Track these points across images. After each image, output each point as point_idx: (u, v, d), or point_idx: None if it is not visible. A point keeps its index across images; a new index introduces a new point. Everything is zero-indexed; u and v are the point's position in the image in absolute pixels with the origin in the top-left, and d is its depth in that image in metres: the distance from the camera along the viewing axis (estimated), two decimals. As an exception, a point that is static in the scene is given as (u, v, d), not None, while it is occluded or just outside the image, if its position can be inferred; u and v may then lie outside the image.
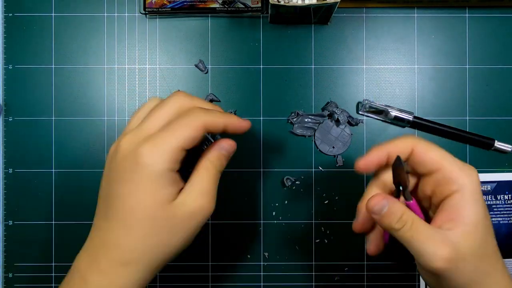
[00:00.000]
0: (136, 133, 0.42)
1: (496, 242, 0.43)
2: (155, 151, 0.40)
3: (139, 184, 0.40)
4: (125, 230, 0.41)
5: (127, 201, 0.41)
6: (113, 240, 0.42)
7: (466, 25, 0.66)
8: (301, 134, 0.65)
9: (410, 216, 0.41)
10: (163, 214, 0.41)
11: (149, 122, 0.43)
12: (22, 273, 0.65)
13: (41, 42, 0.65)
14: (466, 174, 0.42)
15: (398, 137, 0.45)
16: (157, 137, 0.41)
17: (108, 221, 0.42)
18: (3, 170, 0.65)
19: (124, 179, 0.41)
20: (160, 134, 0.41)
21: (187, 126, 0.41)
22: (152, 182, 0.40)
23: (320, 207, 0.66)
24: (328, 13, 0.61)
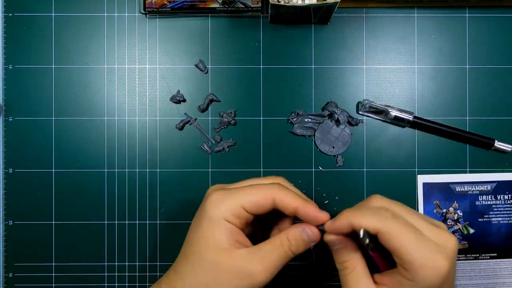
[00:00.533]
0: (222, 186, 0.48)
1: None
2: (218, 199, 0.45)
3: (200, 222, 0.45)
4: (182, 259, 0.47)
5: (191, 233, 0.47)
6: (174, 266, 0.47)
7: (466, 25, 0.66)
8: (301, 134, 0.65)
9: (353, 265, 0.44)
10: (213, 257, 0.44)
11: (238, 183, 0.48)
12: (22, 273, 0.65)
13: (41, 42, 0.65)
14: (427, 271, 0.40)
15: (368, 209, 0.44)
16: (228, 190, 0.46)
17: (180, 253, 0.48)
18: (3, 170, 0.65)
19: (196, 215, 0.47)
20: (232, 190, 0.46)
21: (257, 191, 0.45)
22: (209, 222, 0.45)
23: (320, 207, 0.65)
24: (328, 13, 0.61)
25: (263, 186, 0.45)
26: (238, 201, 0.44)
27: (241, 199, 0.44)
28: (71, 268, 0.65)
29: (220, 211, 0.44)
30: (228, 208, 0.44)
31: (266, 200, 0.44)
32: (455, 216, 0.66)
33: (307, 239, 0.46)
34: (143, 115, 0.66)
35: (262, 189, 0.45)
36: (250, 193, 0.45)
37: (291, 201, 0.44)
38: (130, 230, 0.65)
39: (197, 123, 0.65)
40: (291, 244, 0.45)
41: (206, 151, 0.65)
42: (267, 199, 0.44)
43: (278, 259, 0.45)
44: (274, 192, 0.44)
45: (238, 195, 0.44)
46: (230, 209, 0.44)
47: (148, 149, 0.65)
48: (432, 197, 0.65)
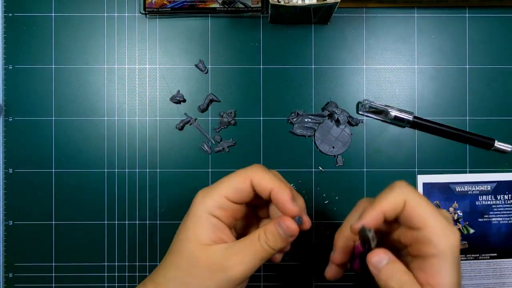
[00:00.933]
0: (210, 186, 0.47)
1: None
2: (203, 195, 0.45)
3: (185, 222, 0.45)
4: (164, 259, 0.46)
5: (177, 233, 0.46)
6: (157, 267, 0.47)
7: (466, 25, 0.66)
8: (301, 134, 0.65)
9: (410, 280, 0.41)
10: (193, 252, 0.44)
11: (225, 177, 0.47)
12: (22, 273, 0.65)
13: (41, 42, 0.65)
14: (447, 239, 0.41)
15: (390, 189, 0.44)
16: (212, 185, 0.46)
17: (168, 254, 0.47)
18: (3, 170, 0.65)
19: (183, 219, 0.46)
20: (215, 183, 0.45)
21: (235, 176, 0.45)
22: (193, 220, 0.44)
23: (320, 207, 0.66)
24: (328, 13, 0.61)
25: (241, 171, 0.45)
26: (220, 192, 0.44)
27: (222, 189, 0.44)
28: (71, 268, 0.65)
29: (204, 206, 0.44)
30: (211, 202, 0.44)
31: (245, 184, 0.44)
32: (455, 216, 0.66)
33: (283, 233, 0.44)
34: (143, 115, 0.66)
35: (240, 173, 0.45)
36: (229, 180, 0.45)
37: (267, 182, 0.44)
38: (130, 230, 0.65)
39: (197, 123, 0.65)
40: (268, 239, 0.44)
41: (206, 151, 0.65)
42: (246, 182, 0.44)
43: (254, 254, 0.44)
44: (251, 174, 0.44)
45: (219, 186, 0.44)
46: (214, 202, 0.44)
47: (148, 149, 0.65)
48: (432, 197, 0.65)
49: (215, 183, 0.45)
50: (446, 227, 0.41)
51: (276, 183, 0.44)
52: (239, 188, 0.44)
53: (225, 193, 0.44)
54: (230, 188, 0.44)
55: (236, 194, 0.44)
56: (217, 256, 0.43)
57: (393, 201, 0.42)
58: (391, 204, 0.42)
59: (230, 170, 0.64)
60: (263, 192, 0.44)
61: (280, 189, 0.44)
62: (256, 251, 0.44)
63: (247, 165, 0.65)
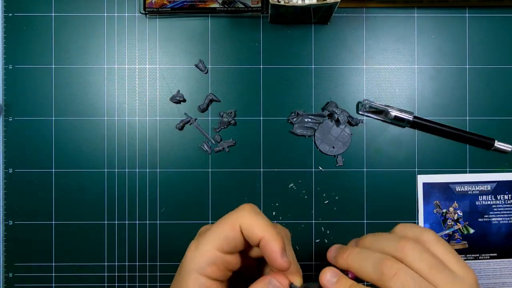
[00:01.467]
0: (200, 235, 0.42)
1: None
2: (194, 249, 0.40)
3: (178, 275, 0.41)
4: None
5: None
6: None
7: (466, 25, 0.66)
8: (301, 134, 0.65)
9: None
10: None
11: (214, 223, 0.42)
12: (22, 273, 0.66)
13: (41, 42, 0.65)
14: None
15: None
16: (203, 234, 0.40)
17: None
18: (3, 170, 0.65)
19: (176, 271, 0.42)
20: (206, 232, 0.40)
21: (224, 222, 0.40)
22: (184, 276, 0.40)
23: (320, 207, 0.66)
24: (328, 13, 0.61)
25: (229, 216, 0.40)
26: (209, 245, 0.39)
27: (211, 242, 0.39)
28: (71, 268, 0.65)
29: (193, 264, 0.39)
30: (201, 259, 0.39)
31: (235, 231, 0.39)
32: (455, 216, 0.66)
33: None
34: (143, 115, 0.66)
35: (228, 220, 0.40)
36: (218, 228, 0.39)
37: (257, 228, 0.39)
38: (130, 230, 0.65)
39: (197, 123, 0.65)
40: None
41: (206, 151, 0.65)
42: (235, 229, 0.39)
43: None
44: (240, 217, 0.39)
45: (209, 237, 0.39)
46: (204, 258, 0.39)
47: (148, 149, 0.65)
48: (432, 197, 0.65)
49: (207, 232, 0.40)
50: None
51: (267, 230, 0.38)
52: (229, 237, 0.39)
53: (215, 246, 0.39)
54: (220, 240, 0.39)
55: (227, 244, 0.39)
56: None
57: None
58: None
59: (230, 170, 0.65)
60: (252, 240, 0.39)
61: (271, 238, 0.38)
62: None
63: (247, 165, 0.66)
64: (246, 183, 0.66)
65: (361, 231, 0.65)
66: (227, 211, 0.65)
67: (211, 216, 0.65)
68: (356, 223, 0.65)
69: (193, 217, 0.65)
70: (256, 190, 0.65)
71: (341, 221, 0.66)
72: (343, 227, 0.65)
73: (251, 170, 0.65)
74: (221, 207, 0.65)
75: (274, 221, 0.65)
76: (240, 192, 0.66)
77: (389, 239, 0.40)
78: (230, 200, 0.65)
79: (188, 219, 0.65)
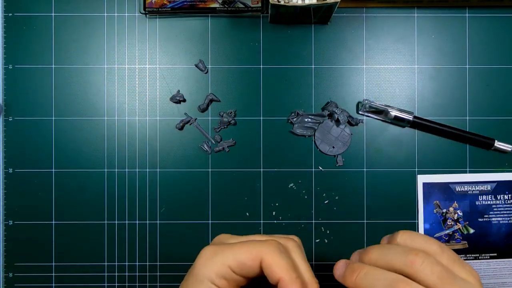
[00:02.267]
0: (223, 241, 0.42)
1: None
2: (208, 258, 0.40)
3: (187, 278, 0.41)
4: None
5: None
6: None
7: (466, 25, 0.66)
8: (301, 134, 0.65)
9: None
10: None
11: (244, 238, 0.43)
12: (22, 273, 0.66)
13: (41, 42, 0.65)
14: None
15: None
16: (221, 246, 0.40)
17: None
18: (3, 170, 0.65)
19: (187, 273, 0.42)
20: (223, 246, 0.40)
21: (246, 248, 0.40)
22: (194, 281, 0.40)
23: (320, 207, 0.66)
24: (328, 13, 0.61)
25: (254, 243, 0.40)
26: (224, 260, 0.39)
27: (227, 258, 0.39)
28: (71, 268, 0.65)
29: (206, 271, 0.39)
30: (214, 269, 0.39)
31: (253, 261, 0.39)
32: (455, 216, 0.66)
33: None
34: (143, 115, 0.66)
35: (252, 246, 0.39)
36: (238, 251, 0.39)
37: (278, 268, 0.39)
38: (130, 230, 0.65)
39: (197, 123, 0.65)
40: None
41: (206, 151, 0.65)
42: (254, 259, 0.39)
43: None
44: (263, 252, 0.39)
45: (226, 253, 0.39)
46: (216, 269, 0.39)
47: (148, 149, 0.65)
48: (432, 197, 0.65)
49: (224, 245, 0.40)
50: None
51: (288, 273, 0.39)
52: (246, 265, 0.39)
53: (229, 264, 0.39)
54: (236, 262, 0.39)
55: (241, 269, 0.39)
56: None
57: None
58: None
59: (230, 170, 0.65)
60: (271, 278, 0.39)
61: (290, 282, 0.38)
62: None
63: (247, 165, 0.65)
64: (246, 183, 0.66)
65: (361, 231, 0.65)
66: (227, 210, 0.65)
67: (211, 216, 0.65)
68: (356, 223, 0.65)
69: (193, 217, 0.65)
70: (256, 190, 0.65)
71: (341, 221, 0.66)
72: (343, 227, 0.65)
73: (251, 170, 0.65)
74: (221, 207, 0.65)
75: (274, 221, 0.66)
76: (240, 192, 0.66)
77: (397, 253, 0.39)
78: (230, 200, 0.65)
79: (188, 219, 0.65)
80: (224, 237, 0.43)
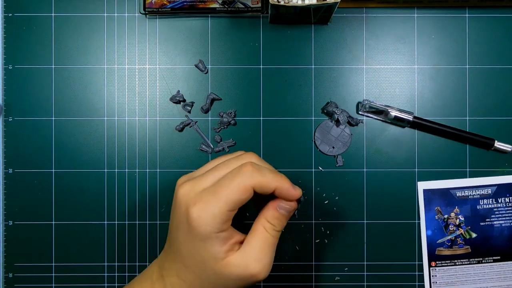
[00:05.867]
0: (193, 185, 0.45)
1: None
2: (203, 215, 0.43)
3: (192, 240, 0.44)
4: (184, 270, 0.46)
5: (184, 248, 0.45)
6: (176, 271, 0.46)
7: (466, 25, 0.66)
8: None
9: None
10: (213, 269, 0.44)
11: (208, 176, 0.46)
12: (22, 273, 0.66)
13: (41, 42, 0.65)
14: None
15: None
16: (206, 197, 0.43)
17: (174, 254, 0.47)
18: (3, 170, 0.66)
19: (180, 229, 0.45)
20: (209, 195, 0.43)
21: (235, 189, 0.43)
22: (201, 241, 0.43)
23: (320, 207, 0.65)
24: (328, 13, 0.61)
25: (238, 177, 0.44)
26: (222, 209, 0.43)
27: (224, 205, 0.43)
28: (71, 268, 0.65)
29: (209, 228, 0.43)
30: (216, 222, 0.43)
31: (248, 192, 0.43)
32: (457, 221, 0.66)
33: (286, 213, 0.47)
34: (143, 115, 0.66)
35: (239, 181, 0.43)
36: (231, 193, 0.43)
37: (270, 183, 0.44)
38: (130, 230, 0.65)
39: (197, 126, 0.65)
40: (274, 225, 0.46)
41: (206, 151, 0.65)
42: (248, 190, 0.43)
43: (269, 246, 0.46)
44: (252, 180, 0.43)
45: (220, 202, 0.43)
46: (218, 220, 0.43)
47: (148, 149, 0.66)
48: (433, 203, 0.65)
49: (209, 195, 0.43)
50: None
51: (276, 180, 0.45)
52: (242, 199, 0.44)
53: (228, 208, 0.43)
54: (233, 203, 0.43)
55: (238, 204, 0.44)
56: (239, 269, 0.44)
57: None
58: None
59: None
60: (265, 192, 0.45)
61: (281, 184, 0.45)
62: (268, 242, 0.45)
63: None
64: (246, 183, 0.65)
65: (361, 231, 0.65)
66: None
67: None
68: (356, 223, 0.65)
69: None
70: (256, 190, 0.65)
71: (341, 221, 0.65)
72: (343, 227, 0.65)
73: (251, 170, 0.65)
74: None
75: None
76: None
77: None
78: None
79: (188, 219, 0.65)
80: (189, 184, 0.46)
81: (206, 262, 0.44)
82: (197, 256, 0.44)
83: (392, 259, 0.66)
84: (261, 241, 0.45)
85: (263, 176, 0.44)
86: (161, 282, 0.47)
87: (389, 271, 0.65)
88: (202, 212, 0.43)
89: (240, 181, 0.43)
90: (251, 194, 0.44)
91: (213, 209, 0.43)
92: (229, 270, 0.44)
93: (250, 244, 0.45)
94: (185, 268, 0.45)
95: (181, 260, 0.46)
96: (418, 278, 0.66)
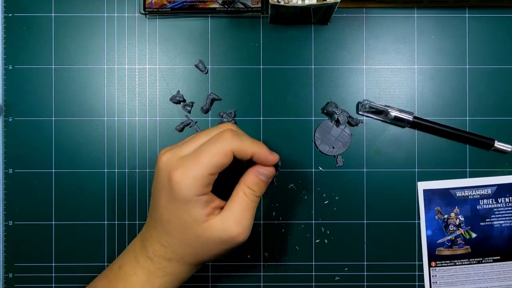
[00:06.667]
0: (175, 153, 0.47)
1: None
2: (185, 178, 0.44)
3: (174, 204, 0.46)
4: (166, 235, 0.47)
5: (165, 212, 0.47)
6: (157, 238, 0.48)
7: (466, 25, 0.66)
8: None
9: None
10: (195, 232, 0.46)
11: (188, 144, 0.47)
12: (22, 273, 0.65)
13: (41, 42, 0.65)
14: None
15: None
16: (187, 162, 0.45)
17: (155, 221, 0.48)
18: (3, 170, 0.65)
19: (162, 194, 0.46)
20: (191, 160, 0.45)
21: (215, 153, 0.45)
22: (183, 204, 0.45)
23: (320, 207, 0.65)
24: (328, 13, 0.61)
25: (219, 142, 0.45)
26: (204, 171, 0.44)
27: (205, 168, 0.44)
28: (71, 268, 0.65)
29: (191, 190, 0.44)
30: (197, 184, 0.44)
31: (228, 156, 0.45)
32: (457, 222, 0.66)
33: (265, 179, 0.49)
34: (143, 116, 0.66)
35: (220, 146, 0.45)
36: (212, 156, 0.45)
37: (248, 148, 0.46)
38: (130, 230, 0.65)
39: (197, 126, 0.65)
40: (253, 191, 0.48)
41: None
42: (228, 154, 0.45)
43: (249, 210, 0.47)
44: (232, 145, 0.45)
45: (201, 165, 0.44)
46: (200, 183, 0.44)
47: (148, 149, 0.66)
48: (433, 203, 0.65)
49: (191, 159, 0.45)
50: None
51: (254, 147, 0.47)
52: (224, 164, 0.45)
53: (209, 172, 0.44)
54: (214, 166, 0.45)
55: (219, 168, 0.45)
56: (220, 231, 0.46)
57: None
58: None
59: (230, 170, 0.65)
60: (245, 157, 0.47)
61: (259, 150, 0.47)
62: (248, 207, 0.47)
63: (247, 165, 0.65)
64: (246, 183, 0.65)
65: (361, 231, 0.65)
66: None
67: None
68: (356, 223, 0.65)
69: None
70: (256, 190, 0.65)
71: (341, 221, 0.65)
72: (343, 227, 0.65)
73: (251, 170, 0.65)
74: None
75: (274, 221, 0.65)
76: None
77: None
78: (230, 200, 0.65)
79: (188, 219, 0.65)
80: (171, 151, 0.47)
81: (187, 225, 0.46)
82: (179, 219, 0.46)
83: (392, 259, 0.66)
84: (241, 205, 0.47)
85: (242, 141, 0.46)
86: (144, 251, 0.49)
87: (389, 271, 0.65)
88: (184, 176, 0.44)
89: (220, 146, 0.45)
90: (231, 158, 0.45)
91: (195, 172, 0.44)
92: (210, 233, 0.46)
93: (230, 208, 0.47)
94: (166, 234, 0.47)
95: (162, 226, 0.47)
96: (418, 278, 0.66)
